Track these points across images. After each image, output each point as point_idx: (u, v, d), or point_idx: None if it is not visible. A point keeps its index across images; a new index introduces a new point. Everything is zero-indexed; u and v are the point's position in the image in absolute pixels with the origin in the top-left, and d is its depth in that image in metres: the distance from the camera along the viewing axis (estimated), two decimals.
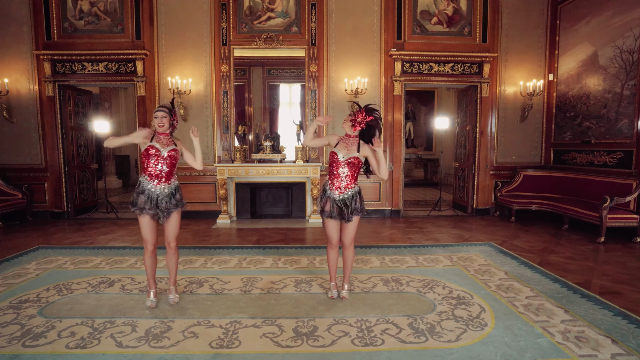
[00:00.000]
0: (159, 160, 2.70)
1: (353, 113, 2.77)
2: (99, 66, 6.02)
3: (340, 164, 2.76)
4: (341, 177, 2.77)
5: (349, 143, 2.79)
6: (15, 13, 5.99)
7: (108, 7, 5.99)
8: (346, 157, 2.75)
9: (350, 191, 2.80)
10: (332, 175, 2.81)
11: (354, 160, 2.76)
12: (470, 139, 6.49)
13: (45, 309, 2.79)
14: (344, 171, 2.77)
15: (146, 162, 2.72)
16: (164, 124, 2.74)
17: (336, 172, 2.78)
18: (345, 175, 2.77)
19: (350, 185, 2.80)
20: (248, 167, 6.00)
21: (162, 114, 2.75)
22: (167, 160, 2.73)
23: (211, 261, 3.98)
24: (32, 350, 2.23)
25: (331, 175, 2.82)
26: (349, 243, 2.89)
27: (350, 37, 6.15)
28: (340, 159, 2.76)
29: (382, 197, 6.44)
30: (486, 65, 6.12)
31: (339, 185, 2.79)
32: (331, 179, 2.82)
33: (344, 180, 2.78)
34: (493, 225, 5.67)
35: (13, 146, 6.15)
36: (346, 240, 2.88)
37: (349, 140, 2.80)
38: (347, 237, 2.87)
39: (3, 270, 3.67)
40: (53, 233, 5.28)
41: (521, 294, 3.04)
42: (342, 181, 2.78)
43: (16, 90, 6.06)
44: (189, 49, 6.09)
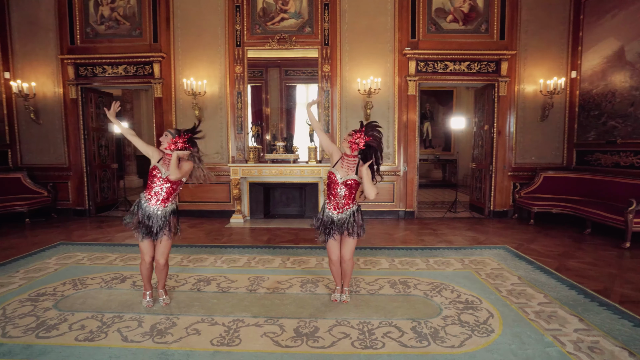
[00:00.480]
0: (159, 181, 2.71)
1: (353, 132, 2.67)
2: (118, 69, 6.23)
3: (339, 185, 2.72)
4: (339, 197, 2.73)
5: (348, 163, 2.72)
6: (43, 20, 6.28)
7: (127, 11, 6.20)
8: (344, 179, 2.71)
9: (348, 210, 2.75)
10: (331, 195, 2.77)
11: (352, 182, 2.71)
12: (487, 139, 6.30)
13: (60, 302, 2.91)
14: (342, 191, 2.72)
15: (149, 181, 2.75)
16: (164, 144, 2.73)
17: (334, 192, 2.74)
18: (344, 195, 2.73)
19: (349, 205, 2.75)
20: (261, 167, 6.06)
21: (167, 138, 2.74)
22: (167, 183, 2.71)
23: (221, 260, 4.03)
24: (44, 341, 2.33)
25: (330, 195, 2.78)
26: (349, 258, 2.82)
27: (363, 37, 6.10)
28: (338, 179, 2.71)
29: (395, 198, 6.36)
30: (504, 63, 5.93)
31: (337, 205, 2.75)
32: (329, 199, 2.79)
33: (342, 200, 2.74)
34: (510, 228, 5.49)
35: (39, 146, 6.46)
36: (345, 255, 2.81)
37: (348, 160, 2.73)
38: (347, 252, 2.80)
39: (26, 265, 3.85)
40: (74, 230, 5.50)
41: (533, 300, 2.92)
42: (340, 200, 2.74)
43: (43, 93, 6.36)
44: (204, 51, 6.21)
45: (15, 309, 2.79)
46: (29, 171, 6.34)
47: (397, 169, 6.28)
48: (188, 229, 5.59)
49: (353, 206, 2.78)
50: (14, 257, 4.07)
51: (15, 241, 4.85)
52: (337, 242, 2.81)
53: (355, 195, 2.79)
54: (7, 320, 2.63)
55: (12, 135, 6.43)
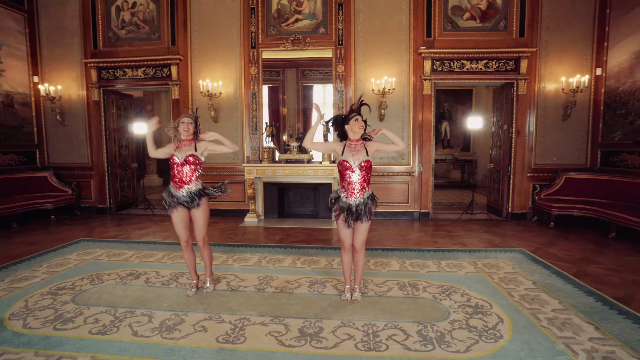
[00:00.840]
0: (178, 166, 2.91)
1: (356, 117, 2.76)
2: (138, 71, 6.44)
3: (353, 169, 2.73)
4: (354, 183, 2.75)
5: (356, 148, 2.77)
6: (69, 26, 6.56)
7: (147, 16, 6.39)
8: (358, 162, 2.73)
9: (365, 194, 2.78)
10: (345, 182, 2.78)
11: (366, 163, 2.74)
12: (505, 139, 6.13)
13: (77, 297, 3.03)
14: (357, 176, 2.74)
15: (171, 171, 2.97)
16: (189, 130, 2.95)
17: (349, 179, 2.76)
18: (358, 180, 2.75)
19: (364, 189, 2.78)
20: (275, 167, 6.11)
21: (189, 120, 2.97)
22: (185, 165, 2.91)
23: (232, 258, 4.10)
24: (61, 333, 2.44)
25: (344, 182, 2.80)
26: (360, 246, 2.86)
27: (378, 37, 6.05)
28: (352, 164, 2.73)
29: (410, 198, 6.28)
30: (523, 61, 5.75)
31: (353, 191, 2.76)
32: (344, 186, 2.80)
33: (357, 185, 2.75)
34: (529, 231, 5.32)
35: (65, 147, 6.75)
36: (357, 243, 2.85)
37: (354, 145, 2.78)
38: (359, 240, 2.84)
39: (49, 259, 4.03)
40: (95, 227, 5.72)
41: (547, 306, 2.82)
42: (355, 186, 2.76)
43: (68, 96, 6.64)
44: (219, 53, 6.32)
45: (37, 302, 2.94)
46: (55, 170, 6.64)
47: (411, 170, 6.20)
48: None
49: (368, 190, 2.81)
50: (38, 252, 4.28)
51: (40, 237, 5.09)
52: (351, 229, 2.83)
53: (369, 181, 2.80)
54: (28, 312, 2.76)
55: (40, 136, 6.75)
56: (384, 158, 6.23)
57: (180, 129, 2.94)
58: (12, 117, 6.33)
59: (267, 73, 6.51)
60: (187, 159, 2.90)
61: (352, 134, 2.79)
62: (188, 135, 2.97)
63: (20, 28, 6.49)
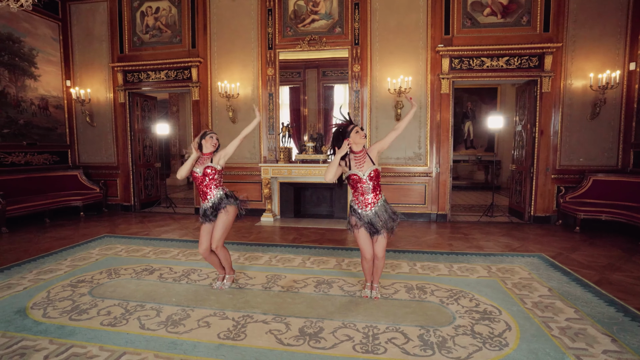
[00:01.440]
0: (199, 180, 3.10)
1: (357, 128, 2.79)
2: (160, 74, 6.68)
3: (364, 181, 2.76)
4: (367, 194, 2.78)
5: (360, 159, 2.79)
6: (97, 32, 6.92)
7: (169, 20, 6.62)
8: (367, 174, 2.75)
9: (379, 202, 2.81)
10: (358, 194, 2.81)
11: (374, 173, 2.77)
12: (528, 139, 5.88)
13: (94, 290, 3.19)
14: (368, 186, 2.77)
15: (195, 185, 3.12)
16: (217, 144, 3.15)
17: (361, 191, 2.79)
18: (370, 189, 2.77)
19: (378, 197, 2.81)
20: (290, 167, 6.16)
21: (216, 135, 3.18)
22: (204, 178, 3.08)
23: (244, 257, 4.17)
24: (75, 323, 2.58)
25: (356, 194, 2.82)
26: (382, 254, 2.86)
27: (394, 35, 5.97)
28: (362, 177, 2.75)
29: (427, 200, 6.15)
30: (548, 57, 5.49)
31: (367, 202, 2.79)
32: (357, 198, 2.82)
33: (370, 195, 2.78)
34: (551, 235, 5.07)
35: (93, 147, 7.12)
36: (379, 252, 2.85)
37: (359, 157, 2.79)
38: (379, 249, 2.84)
39: (74, 253, 4.27)
40: (119, 224, 5.99)
41: (561, 314, 2.69)
42: (369, 196, 2.78)
43: (96, 98, 7.00)
44: (237, 55, 6.45)
45: (57, 293, 3.12)
46: (84, 169, 7.02)
47: (429, 170, 6.07)
48: None
49: (381, 196, 2.84)
50: (65, 247, 4.54)
51: (69, 232, 5.39)
52: (370, 239, 2.85)
53: (379, 188, 2.83)
54: (49, 302, 2.94)
55: (72, 136, 7.16)
56: (401, 159, 6.14)
57: (209, 143, 3.11)
58: (46, 119, 6.74)
59: (288, 74, 6.58)
60: (205, 172, 3.08)
61: (355, 145, 2.78)
62: (212, 148, 3.13)
63: (55, 35, 6.90)
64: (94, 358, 2.16)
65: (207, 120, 6.63)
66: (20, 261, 3.98)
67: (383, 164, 6.16)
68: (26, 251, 4.40)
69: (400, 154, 6.13)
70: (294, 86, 7.11)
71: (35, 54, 6.52)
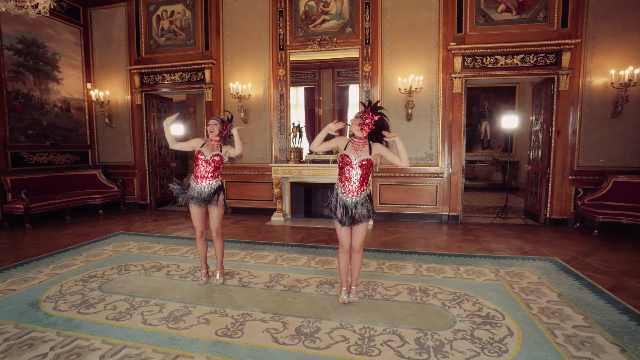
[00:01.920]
0: (203, 163, 3.18)
1: (360, 114, 2.68)
2: (175, 76, 6.85)
3: (353, 166, 2.70)
4: (353, 180, 2.71)
5: (359, 145, 2.73)
6: (116, 36, 7.16)
7: (183, 23, 6.78)
8: (359, 159, 2.69)
9: (362, 194, 2.74)
10: (344, 178, 2.75)
11: (367, 162, 2.70)
12: (544, 139, 5.68)
13: (104, 285, 3.31)
14: (356, 173, 2.71)
15: (195, 164, 3.23)
16: (214, 130, 3.22)
17: (348, 175, 2.72)
18: (358, 178, 2.71)
19: (362, 188, 2.74)
20: (300, 167, 6.19)
21: (214, 122, 3.25)
22: (210, 163, 3.18)
23: (250, 255, 4.23)
24: (82, 317, 2.69)
25: (342, 178, 2.76)
26: (359, 247, 2.82)
27: (405, 34, 5.90)
28: (352, 160, 2.70)
29: (438, 201, 6.04)
30: (566, 53, 5.29)
31: (350, 189, 2.73)
32: (342, 182, 2.76)
33: (355, 183, 2.72)
34: (567, 239, 4.89)
35: (112, 147, 7.37)
36: (355, 244, 2.81)
37: (358, 142, 2.73)
38: (357, 240, 2.80)
39: (89, 250, 4.44)
40: (134, 222, 6.18)
41: (568, 321, 2.59)
42: (354, 184, 2.72)
43: (115, 100, 7.25)
44: (249, 56, 6.53)
45: (69, 287, 3.25)
46: (103, 169, 7.28)
47: (440, 171, 5.96)
48: (230, 225, 5.94)
49: (367, 189, 2.77)
50: (81, 243, 4.72)
51: (87, 229, 5.61)
52: (349, 229, 2.80)
53: (367, 179, 2.77)
54: (61, 295, 3.07)
55: (92, 137, 7.43)
56: (412, 159, 6.05)
57: (208, 129, 3.22)
58: (68, 120, 7.03)
59: (303, 74, 6.62)
60: (212, 158, 3.19)
61: (355, 131, 2.74)
62: (214, 135, 3.22)
63: (77, 40, 7.19)
64: (96, 351, 2.24)
65: None
66: (39, 256, 4.17)
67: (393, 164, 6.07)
68: (46, 247, 4.60)
69: (411, 154, 6.04)
70: (309, 87, 7.14)
71: (58, 58, 6.81)
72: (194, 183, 3.21)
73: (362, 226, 2.76)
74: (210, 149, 3.21)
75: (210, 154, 3.18)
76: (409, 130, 5.99)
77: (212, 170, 3.19)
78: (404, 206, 6.17)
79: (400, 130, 6.00)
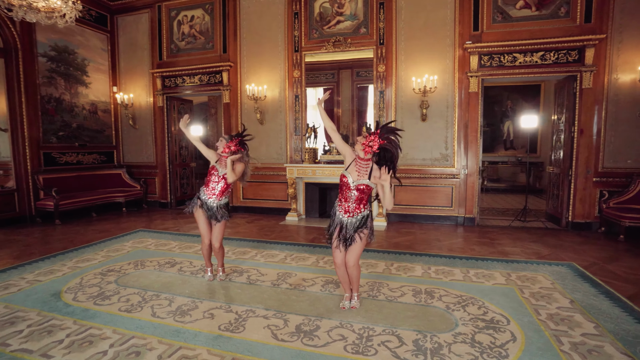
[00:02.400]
0: (216, 178, 3.30)
1: (367, 134, 2.57)
2: (194, 79, 7.08)
3: (350, 187, 2.64)
4: (350, 200, 2.66)
5: (361, 166, 2.63)
6: (140, 41, 7.48)
7: (202, 27, 6.99)
8: (356, 183, 2.62)
9: (359, 215, 2.66)
10: (342, 198, 2.70)
11: (364, 187, 2.62)
12: (567, 139, 5.45)
13: (120, 279, 3.48)
14: (353, 195, 2.64)
15: (208, 178, 3.35)
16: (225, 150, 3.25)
17: (346, 195, 2.67)
18: (355, 199, 2.64)
19: (360, 209, 2.67)
20: (315, 168, 6.24)
21: (225, 140, 3.31)
22: (221, 181, 3.29)
23: (261, 254, 4.31)
24: (98, 307, 2.85)
25: (341, 197, 2.72)
26: (353, 263, 2.70)
27: (420, 34, 5.83)
28: (349, 183, 2.64)
29: (454, 203, 5.93)
30: (589, 50, 5.06)
31: (347, 209, 2.67)
32: (340, 201, 2.72)
33: (352, 204, 2.65)
34: (590, 243, 4.68)
35: (136, 147, 7.70)
36: (350, 260, 2.70)
37: (361, 164, 2.63)
38: (351, 258, 2.69)
39: (110, 245, 4.67)
40: (155, 219, 6.44)
41: (578, 329, 2.49)
42: (351, 204, 2.66)
43: (139, 102, 7.57)
44: (265, 58, 6.65)
45: (89, 280, 3.44)
46: (127, 168, 7.62)
47: (456, 172, 5.85)
48: (246, 224, 6.07)
49: (364, 211, 2.69)
50: (103, 239, 4.97)
51: (110, 226, 5.89)
52: (342, 247, 2.72)
53: (366, 201, 2.70)
54: (80, 287, 3.26)
55: (117, 138, 7.79)
56: (427, 160, 5.98)
57: (220, 146, 3.31)
58: (95, 122, 7.41)
59: (322, 75, 6.69)
60: (224, 176, 3.27)
61: (361, 151, 2.61)
62: (222, 151, 3.28)
63: (104, 46, 7.56)
64: (106, 340, 2.37)
65: (237, 122, 6.90)
66: (65, 250, 4.43)
67: (408, 165, 6.04)
68: (72, 241, 4.88)
69: (426, 154, 5.97)
70: (328, 87, 7.18)
71: (86, 64, 7.19)
72: (203, 194, 3.32)
73: (355, 245, 2.67)
74: (223, 167, 3.28)
75: (222, 172, 3.27)
76: (423, 130, 5.91)
77: (222, 187, 3.28)
78: (418, 207, 6.09)
79: (414, 131, 5.94)
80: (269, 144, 6.78)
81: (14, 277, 3.52)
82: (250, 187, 6.99)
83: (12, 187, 6.02)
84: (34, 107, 6.25)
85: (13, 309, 2.83)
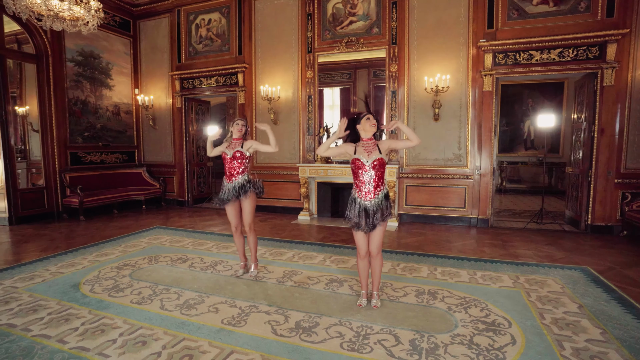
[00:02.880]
0: (228, 161, 3.46)
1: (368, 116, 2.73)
2: (211, 80, 7.27)
3: (366, 168, 2.70)
4: (368, 182, 2.71)
5: (368, 147, 2.72)
6: (160, 44, 7.75)
7: (219, 30, 7.18)
8: (370, 161, 2.70)
9: (380, 194, 2.73)
10: (359, 182, 2.74)
11: (379, 161, 2.70)
12: (586, 139, 5.26)
13: (134, 273, 3.65)
14: (370, 175, 2.70)
15: (224, 167, 3.52)
16: (242, 130, 3.50)
17: (362, 179, 2.72)
18: (372, 178, 2.71)
19: (379, 189, 2.74)
20: (327, 168, 6.29)
21: (242, 122, 3.54)
22: (233, 160, 3.43)
23: (270, 252, 4.41)
24: (112, 299, 3.01)
25: (358, 183, 2.76)
26: (376, 252, 2.78)
27: (433, 33, 5.77)
28: (365, 163, 2.70)
29: (467, 204, 5.84)
30: (611, 45, 4.86)
31: (368, 191, 2.72)
32: (358, 187, 2.76)
33: (371, 184, 2.71)
34: (608, 247, 4.50)
35: (155, 147, 7.99)
36: (373, 248, 2.77)
37: (366, 144, 2.73)
38: (374, 244, 2.76)
39: (128, 241, 4.89)
40: (171, 217, 6.67)
41: (583, 334, 2.43)
42: (370, 185, 2.71)
43: (158, 104, 7.85)
44: (279, 59, 6.76)
45: (106, 273, 3.64)
46: (147, 167, 7.92)
47: (469, 173, 5.75)
48: (259, 222, 6.19)
49: (384, 188, 2.78)
50: (122, 235, 5.21)
51: (129, 222, 6.16)
52: (365, 235, 2.79)
53: (382, 180, 2.77)
54: (97, 280, 3.45)
55: (138, 138, 8.11)
56: (439, 160, 5.91)
57: (235, 129, 3.49)
58: (118, 123, 7.74)
59: (339, 75, 6.75)
60: (234, 155, 3.43)
61: (364, 132, 2.72)
62: (240, 135, 3.49)
63: (127, 50, 7.89)
64: (117, 329, 2.52)
65: (251, 123, 7.04)
66: (87, 245, 4.68)
67: (420, 165, 6.00)
68: (93, 237, 5.15)
69: (438, 154, 5.90)
70: (344, 87, 7.21)
71: (110, 67, 7.52)
72: (226, 182, 3.49)
73: (379, 229, 2.73)
74: (232, 148, 3.45)
75: (231, 152, 3.43)
76: (436, 130, 5.85)
77: (237, 166, 3.43)
78: (430, 208, 6.03)
79: (427, 131, 5.89)
80: (282, 143, 6.87)
81: (39, 268, 3.76)
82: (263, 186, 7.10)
83: (42, 185, 6.40)
84: (62, 110, 6.61)
85: (36, 298, 3.04)
